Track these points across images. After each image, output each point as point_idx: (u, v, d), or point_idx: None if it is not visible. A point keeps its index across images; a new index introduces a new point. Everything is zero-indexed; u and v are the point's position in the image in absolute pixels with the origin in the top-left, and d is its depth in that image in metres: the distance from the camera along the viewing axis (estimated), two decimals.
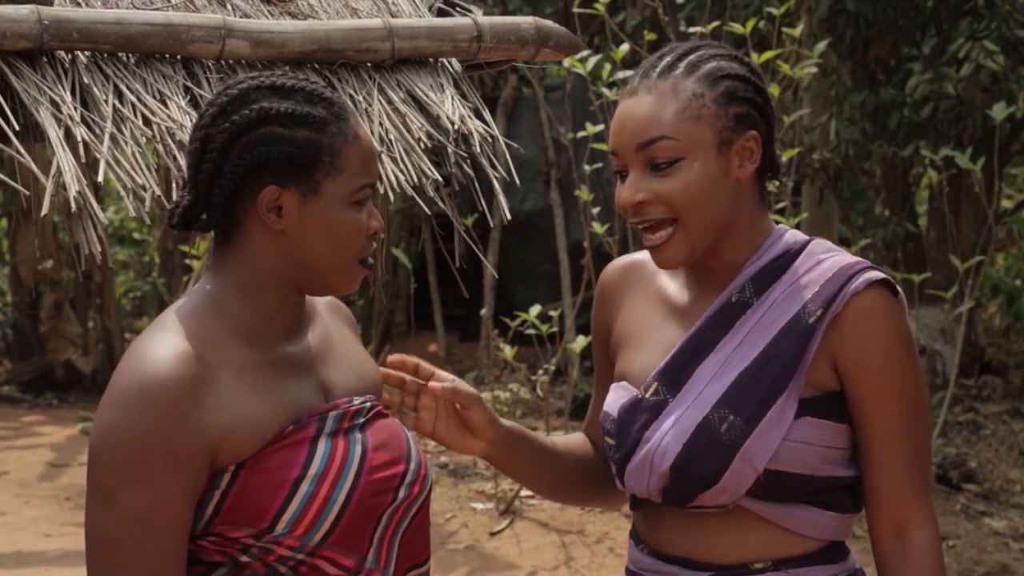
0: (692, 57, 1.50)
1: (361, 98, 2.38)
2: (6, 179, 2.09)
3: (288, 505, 1.35)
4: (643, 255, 1.60)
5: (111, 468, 1.31)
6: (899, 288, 1.50)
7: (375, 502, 1.41)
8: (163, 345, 1.34)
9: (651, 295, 1.58)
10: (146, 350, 1.34)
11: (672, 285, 1.57)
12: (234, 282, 1.41)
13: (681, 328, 1.53)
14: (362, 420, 1.44)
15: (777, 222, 1.61)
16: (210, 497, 1.35)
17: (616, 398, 1.54)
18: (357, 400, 1.45)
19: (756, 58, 4.39)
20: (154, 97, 2.20)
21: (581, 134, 4.83)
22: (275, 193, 1.38)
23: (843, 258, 1.50)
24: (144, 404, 1.31)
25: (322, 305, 1.53)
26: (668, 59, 1.51)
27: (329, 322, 1.52)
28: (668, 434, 1.48)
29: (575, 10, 4.88)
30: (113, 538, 1.31)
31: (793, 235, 1.54)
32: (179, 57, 2.27)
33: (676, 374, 1.50)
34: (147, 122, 2.18)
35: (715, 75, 1.48)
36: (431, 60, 2.49)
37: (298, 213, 1.39)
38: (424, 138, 2.38)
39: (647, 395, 1.51)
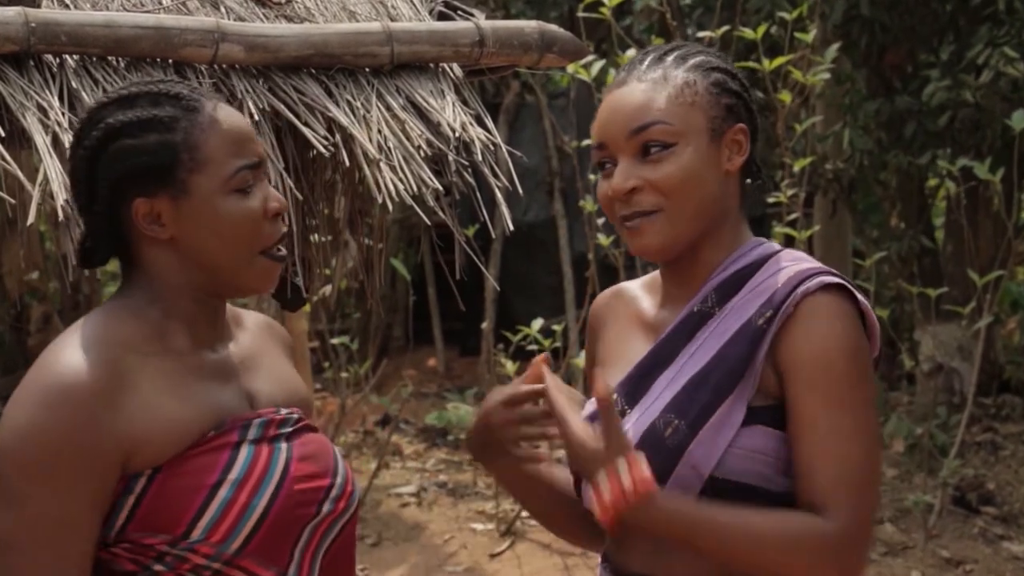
0: (679, 52, 1.53)
1: (359, 104, 2.32)
2: None
3: (205, 510, 1.32)
4: (629, 284, 1.62)
5: (18, 469, 1.29)
6: (859, 295, 1.45)
7: (297, 513, 1.38)
8: (77, 349, 1.33)
9: (630, 317, 1.58)
10: (59, 354, 1.33)
11: (650, 305, 1.57)
12: (145, 292, 1.40)
13: (648, 342, 1.53)
14: (288, 430, 1.41)
15: (789, 235, 1.56)
16: (123, 503, 1.32)
17: (583, 414, 1.51)
18: (284, 410, 1.43)
19: (767, 64, 4.32)
20: None
21: (586, 142, 4.75)
22: (146, 205, 1.37)
23: (804, 265, 1.47)
24: (56, 405, 1.29)
25: (252, 322, 1.51)
26: (654, 55, 1.52)
27: (258, 337, 1.50)
28: None
29: (580, 15, 4.82)
30: (16, 541, 1.28)
31: (766, 247, 1.52)
32: (171, 61, 2.22)
33: (635, 386, 1.49)
34: None
35: (705, 66, 1.50)
36: (431, 65, 2.45)
37: (177, 217, 1.37)
38: (424, 146, 2.33)
39: None
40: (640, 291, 1.59)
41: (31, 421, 1.30)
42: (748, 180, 1.54)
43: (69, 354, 1.32)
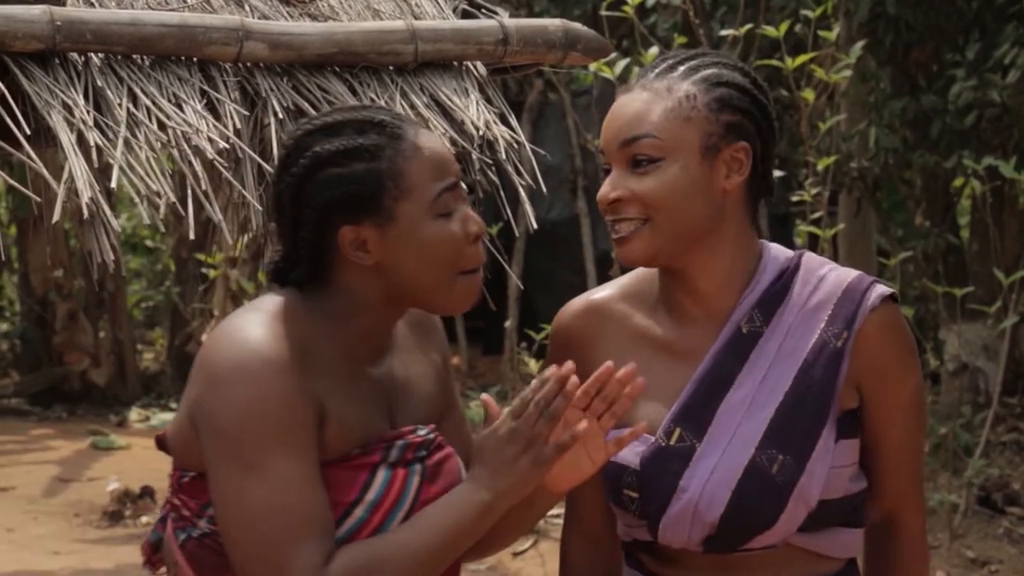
0: (694, 62, 1.50)
1: (383, 102, 2.32)
2: (16, 185, 2.06)
3: (339, 527, 1.35)
4: (600, 296, 1.54)
5: (256, 438, 1.31)
6: (898, 298, 1.53)
7: None
8: (269, 326, 1.35)
9: (630, 336, 1.51)
10: (254, 328, 1.35)
11: (650, 322, 1.50)
12: (330, 308, 1.42)
13: (683, 367, 1.47)
14: (424, 453, 1.42)
15: (813, 234, 1.57)
16: None
17: (632, 448, 1.45)
18: (422, 431, 1.44)
19: (790, 62, 4.29)
20: (169, 100, 2.16)
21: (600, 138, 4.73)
22: (353, 232, 1.39)
23: (843, 273, 1.50)
24: (271, 372, 1.31)
25: (406, 321, 1.49)
26: (670, 62, 1.50)
27: (410, 340, 1.50)
28: (711, 481, 1.43)
29: (604, 13, 4.81)
30: (274, 504, 1.30)
31: (780, 251, 1.52)
32: (195, 59, 2.23)
33: (696, 416, 1.45)
34: (162, 126, 2.14)
35: (712, 80, 1.47)
36: (455, 63, 2.45)
37: (382, 243, 1.39)
38: (448, 144, 2.32)
39: (671, 442, 1.44)
40: (622, 304, 1.52)
41: (243, 393, 1.31)
42: (760, 194, 1.50)
43: (260, 330, 1.34)
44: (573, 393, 1.32)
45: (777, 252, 1.52)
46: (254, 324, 1.35)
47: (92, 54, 2.14)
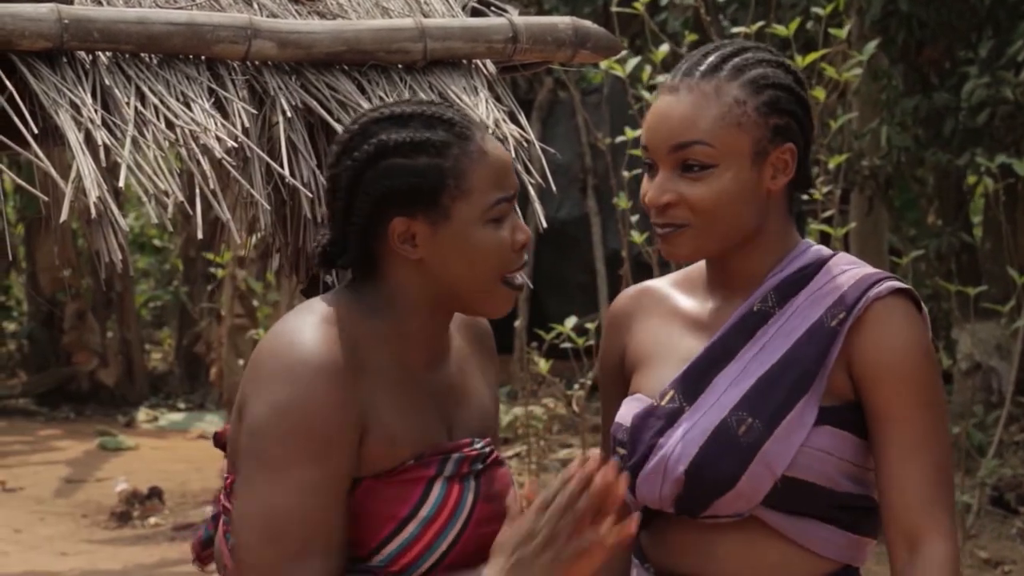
0: (737, 60, 1.48)
1: (392, 100, 2.31)
2: (24, 184, 2.06)
3: (391, 541, 1.34)
4: (655, 281, 1.61)
5: (292, 442, 1.30)
6: (923, 304, 1.50)
7: (471, 556, 1.36)
8: (317, 328, 1.34)
9: (667, 313, 1.56)
10: (301, 332, 1.34)
11: (690, 301, 1.56)
12: (376, 304, 1.41)
13: (700, 339, 1.52)
14: (480, 467, 1.40)
15: (824, 232, 1.55)
16: None
17: (629, 409, 1.52)
18: (478, 444, 1.42)
19: (800, 61, 4.26)
20: (177, 99, 2.16)
21: (619, 139, 4.72)
22: (404, 224, 1.38)
23: (867, 270, 1.50)
24: (318, 379, 1.31)
25: (462, 331, 1.49)
26: (713, 59, 1.48)
27: (466, 351, 1.49)
28: (684, 439, 1.46)
29: (614, 10, 4.79)
30: (294, 512, 1.29)
31: (818, 250, 1.54)
32: (203, 58, 2.22)
33: (694, 382, 1.49)
34: (170, 125, 2.13)
35: (760, 82, 1.47)
36: (464, 62, 2.44)
37: (432, 240, 1.38)
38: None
39: (663, 403, 1.48)
40: (671, 288, 1.58)
41: (287, 396, 1.31)
42: (799, 187, 1.53)
43: (313, 333, 1.33)
44: (599, 492, 1.31)
45: (815, 250, 1.53)
46: (307, 327, 1.34)
47: (100, 53, 2.13)
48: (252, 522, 1.30)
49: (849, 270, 1.50)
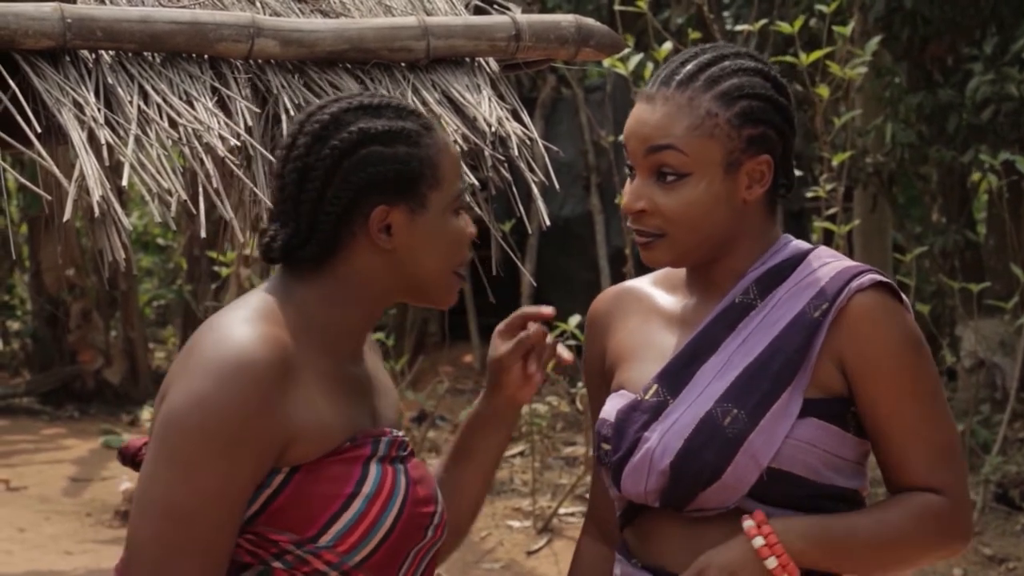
0: (714, 70, 1.50)
1: None
2: (27, 183, 2.06)
3: (338, 518, 1.34)
4: (634, 281, 1.63)
5: (201, 438, 1.29)
6: (904, 296, 1.51)
7: (411, 536, 1.39)
8: (252, 325, 1.33)
9: (647, 311, 1.58)
10: (239, 327, 1.33)
11: (670, 299, 1.58)
12: (326, 294, 1.40)
13: (682, 334, 1.53)
14: (404, 453, 1.42)
15: (828, 229, 1.55)
16: (258, 495, 1.33)
17: (613, 404, 1.52)
18: (399, 433, 1.44)
19: (804, 58, 4.26)
20: (180, 98, 2.15)
21: (622, 137, 4.70)
22: (385, 212, 1.38)
23: (848, 263, 1.51)
24: (242, 379, 1.29)
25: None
26: (690, 67, 1.50)
27: (369, 348, 1.51)
28: (668, 431, 1.47)
29: (617, 8, 4.78)
30: (188, 510, 1.29)
31: (798, 244, 1.55)
32: (206, 56, 2.22)
33: (677, 376, 1.50)
34: (173, 124, 2.13)
35: (734, 94, 1.48)
36: (467, 60, 2.44)
37: (407, 229, 1.39)
38: (460, 141, 2.31)
39: (647, 397, 1.50)
40: (651, 287, 1.60)
41: (206, 391, 1.30)
42: (779, 196, 1.53)
43: (245, 329, 1.32)
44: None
45: (795, 244, 1.54)
46: (242, 322, 1.33)
47: (103, 51, 2.13)
48: (148, 511, 1.30)
49: (830, 262, 1.51)
